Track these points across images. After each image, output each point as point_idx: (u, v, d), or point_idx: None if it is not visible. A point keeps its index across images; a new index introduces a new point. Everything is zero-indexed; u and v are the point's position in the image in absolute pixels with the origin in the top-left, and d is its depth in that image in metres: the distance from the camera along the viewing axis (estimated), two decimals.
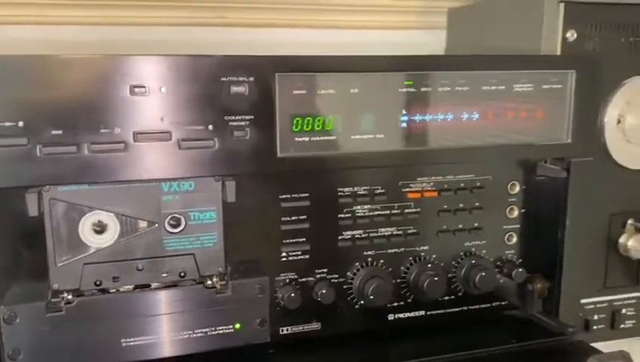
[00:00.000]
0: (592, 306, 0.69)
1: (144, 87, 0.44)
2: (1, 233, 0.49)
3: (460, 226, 0.59)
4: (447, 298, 0.60)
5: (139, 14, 0.82)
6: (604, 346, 0.60)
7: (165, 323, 0.50)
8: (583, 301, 0.68)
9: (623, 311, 0.70)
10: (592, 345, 0.59)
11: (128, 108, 0.44)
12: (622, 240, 0.67)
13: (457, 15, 0.83)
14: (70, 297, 0.48)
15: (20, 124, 0.42)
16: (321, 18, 0.90)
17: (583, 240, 0.61)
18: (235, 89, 0.46)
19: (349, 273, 0.56)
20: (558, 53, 0.61)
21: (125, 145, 0.44)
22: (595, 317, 0.69)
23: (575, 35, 0.61)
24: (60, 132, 0.43)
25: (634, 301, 0.70)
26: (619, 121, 0.64)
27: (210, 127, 0.46)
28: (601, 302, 0.69)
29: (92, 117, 0.43)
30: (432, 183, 0.58)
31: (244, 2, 0.85)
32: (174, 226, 0.50)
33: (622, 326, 0.71)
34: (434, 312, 0.60)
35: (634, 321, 0.71)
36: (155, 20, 0.82)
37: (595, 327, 0.69)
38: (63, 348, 0.48)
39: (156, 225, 0.49)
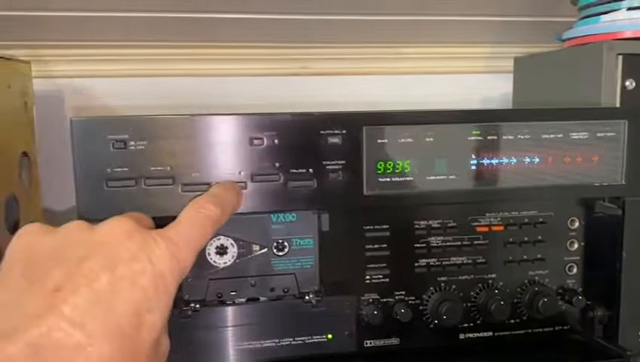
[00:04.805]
0: None
1: (261, 138, 0.54)
2: None
3: (525, 257, 0.65)
4: (512, 321, 0.65)
5: (234, 67, 0.95)
6: None
7: (271, 331, 0.60)
8: None
9: None
10: None
11: (248, 155, 0.54)
12: None
13: (523, 63, 0.90)
14: (197, 306, 0.58)
15: (168, 168, 0.53)
16: (396, 65, 0.98)
17: None
18: (331, 140, 0.55)
19: (424, 296, 0.63)
20: (617, 100, 0.65)
21: (245, 185, 0.54)
22: None
23: (634, 84, 0.66)
24: (198, 175, 0.53)
25: None
26: None
27: (311, 170, 0.55)
28: None
29: (220, 162, 0.53)
30: (498, 218, 0.64)
31: (324, 55, 0.96)
32: (280, 250, 0.59)
33: None
34: (501, 333, 0.65)
35: None
36: (248, 72, 0.94)
37: None
38: (189, 348, 0.58)
39: (266, 249, 0.59)
